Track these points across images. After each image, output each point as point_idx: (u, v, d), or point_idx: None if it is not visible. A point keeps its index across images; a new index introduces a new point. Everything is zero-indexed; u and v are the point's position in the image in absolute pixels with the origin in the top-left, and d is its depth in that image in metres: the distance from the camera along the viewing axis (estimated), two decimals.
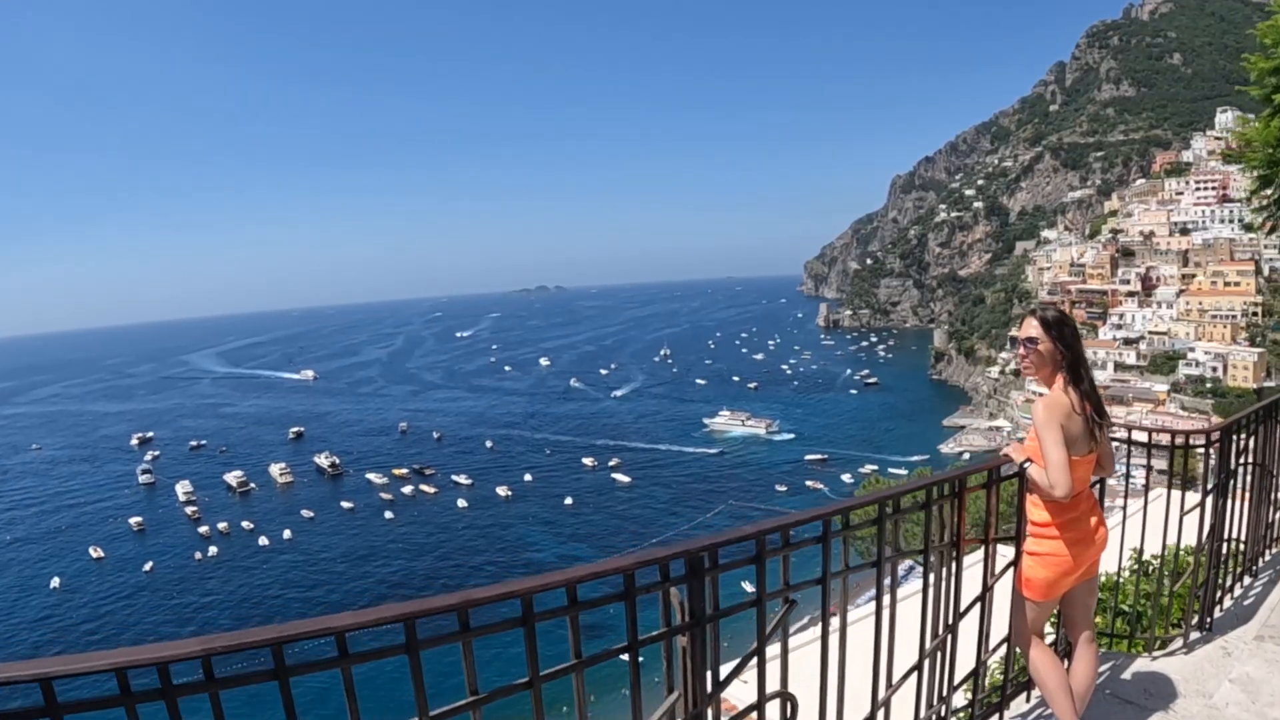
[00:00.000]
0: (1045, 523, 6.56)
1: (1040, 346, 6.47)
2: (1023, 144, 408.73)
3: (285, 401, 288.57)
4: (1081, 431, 6.35)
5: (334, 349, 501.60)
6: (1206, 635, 9.04)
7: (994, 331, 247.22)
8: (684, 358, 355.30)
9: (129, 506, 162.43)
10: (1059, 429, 6.21)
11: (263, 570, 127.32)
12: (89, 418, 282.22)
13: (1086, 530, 6.55)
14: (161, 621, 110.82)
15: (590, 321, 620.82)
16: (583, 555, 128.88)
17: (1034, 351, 6.49)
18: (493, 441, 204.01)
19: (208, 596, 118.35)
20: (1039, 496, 6.57)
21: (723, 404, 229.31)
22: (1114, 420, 6.96)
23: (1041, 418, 6.27)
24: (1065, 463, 6.11)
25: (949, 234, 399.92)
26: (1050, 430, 6.19)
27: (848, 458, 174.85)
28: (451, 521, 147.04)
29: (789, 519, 5.53)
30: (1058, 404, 6.33)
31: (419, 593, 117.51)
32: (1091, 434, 6.42)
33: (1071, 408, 6.32)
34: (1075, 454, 6.30)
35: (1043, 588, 6.65)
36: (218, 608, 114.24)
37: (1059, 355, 6.42)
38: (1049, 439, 6.18)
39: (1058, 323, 6.49)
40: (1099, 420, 6.46)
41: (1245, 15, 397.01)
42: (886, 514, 6.15)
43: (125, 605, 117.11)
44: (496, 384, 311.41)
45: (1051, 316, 6.55)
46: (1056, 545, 6.52)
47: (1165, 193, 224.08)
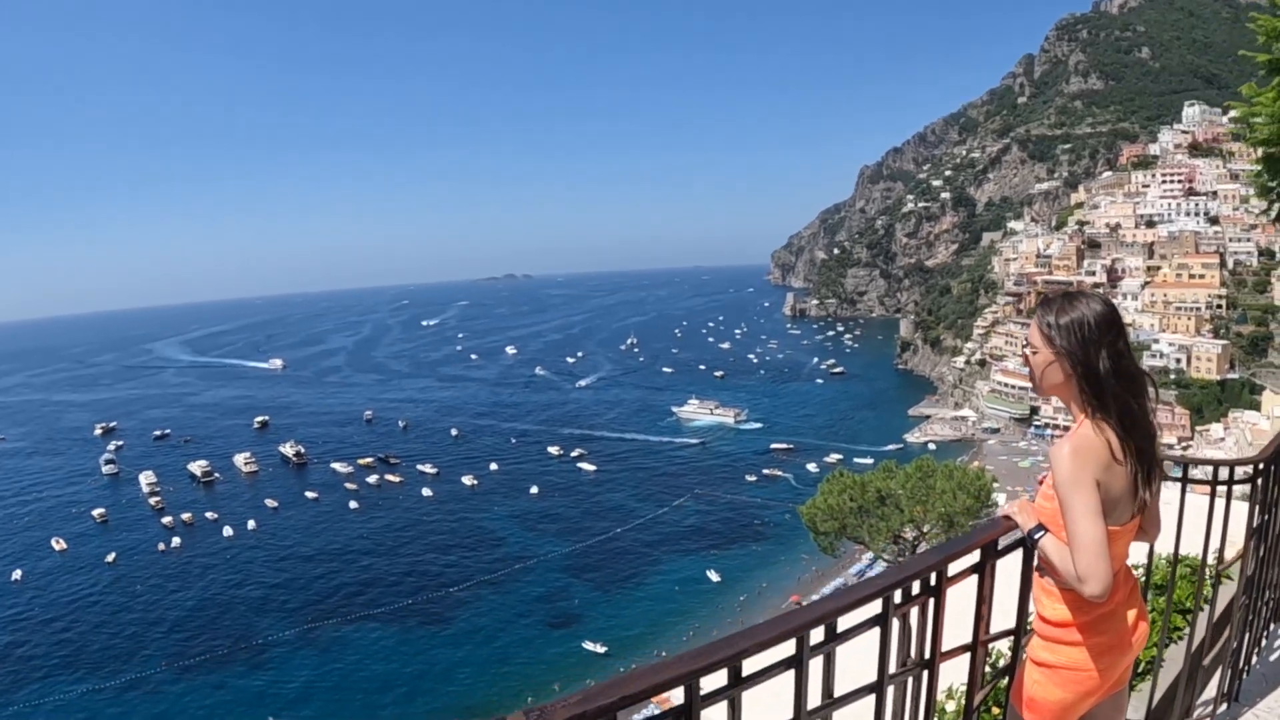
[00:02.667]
0: (1063, 621, 4.54)
1: (1036, 359, 4.62)
2: (991, 136, 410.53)
3: (250, 390, 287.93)
4: (1125, 489, 4.40)
5: (300, 337, 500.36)
6: (1234, 707, 7.35)
7: (960, 322, 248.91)
8: (650, 346, 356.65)
9: (92, 497, 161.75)
10: (1092, 488, 4.23)
11: (227, 561, 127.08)
12: (51, 408, 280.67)
13: (1121, 631, 4.60)
14: (125, 614, 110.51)
15: (557, 310, 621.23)
16: (547, 544, 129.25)
17: (1035, 363, 4.67)
18: (459, 430, 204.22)
19: (172, 588, 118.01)
20: (1055, 582, 4.53)
21: (689, 393, 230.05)
22: None
23: (1066, 471, 4.26)
24: (1102, 542, 4.16)
25: (916, 224, 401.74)
26: (1080, 492, 4.21)
27: (814, 447, 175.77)
28: (417, 511, 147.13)
29: None
30: (1089, 450, 4.30)
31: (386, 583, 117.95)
32: (1137, 490, 4.44)
33: (1111, 453, 4.31)
34: (1115, 523, 4.38)
35: (1054, 713, 4.63)
36: (182, 599, 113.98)
37: (1071, 370, 4.45)
38: (1078, 505, 4.20)
39: (1071, 326, 4.42)
40: (1149, 469, 4.47)
41: (1214, 10, 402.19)
42: (809, 651, 3.49)
43: (88, 598, 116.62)
44: (463, 373, 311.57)
45: (1060, 315, 4.50)
46: (1078, 656, 4.51)
47: (1132, 185, 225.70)
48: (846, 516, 57.58)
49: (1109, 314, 4.48)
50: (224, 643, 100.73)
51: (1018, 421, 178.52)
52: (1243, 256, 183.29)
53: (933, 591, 4.32)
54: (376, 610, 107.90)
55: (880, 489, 57.64)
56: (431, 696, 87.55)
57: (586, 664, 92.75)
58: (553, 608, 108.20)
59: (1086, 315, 4.44)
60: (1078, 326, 4.42)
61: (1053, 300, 4.63)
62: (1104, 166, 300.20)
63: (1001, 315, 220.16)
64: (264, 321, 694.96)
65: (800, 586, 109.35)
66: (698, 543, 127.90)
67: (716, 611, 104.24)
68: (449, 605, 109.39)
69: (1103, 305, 4.50)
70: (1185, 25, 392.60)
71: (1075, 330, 4.42)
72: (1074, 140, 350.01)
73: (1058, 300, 4.62)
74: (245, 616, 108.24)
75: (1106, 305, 4.51)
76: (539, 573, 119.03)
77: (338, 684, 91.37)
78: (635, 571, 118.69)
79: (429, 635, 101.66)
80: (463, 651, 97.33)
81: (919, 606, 4.33)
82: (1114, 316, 4.49)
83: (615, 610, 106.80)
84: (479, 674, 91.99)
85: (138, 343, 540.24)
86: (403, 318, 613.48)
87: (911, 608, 4.28)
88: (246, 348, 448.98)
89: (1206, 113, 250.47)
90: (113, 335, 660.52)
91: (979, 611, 4.71)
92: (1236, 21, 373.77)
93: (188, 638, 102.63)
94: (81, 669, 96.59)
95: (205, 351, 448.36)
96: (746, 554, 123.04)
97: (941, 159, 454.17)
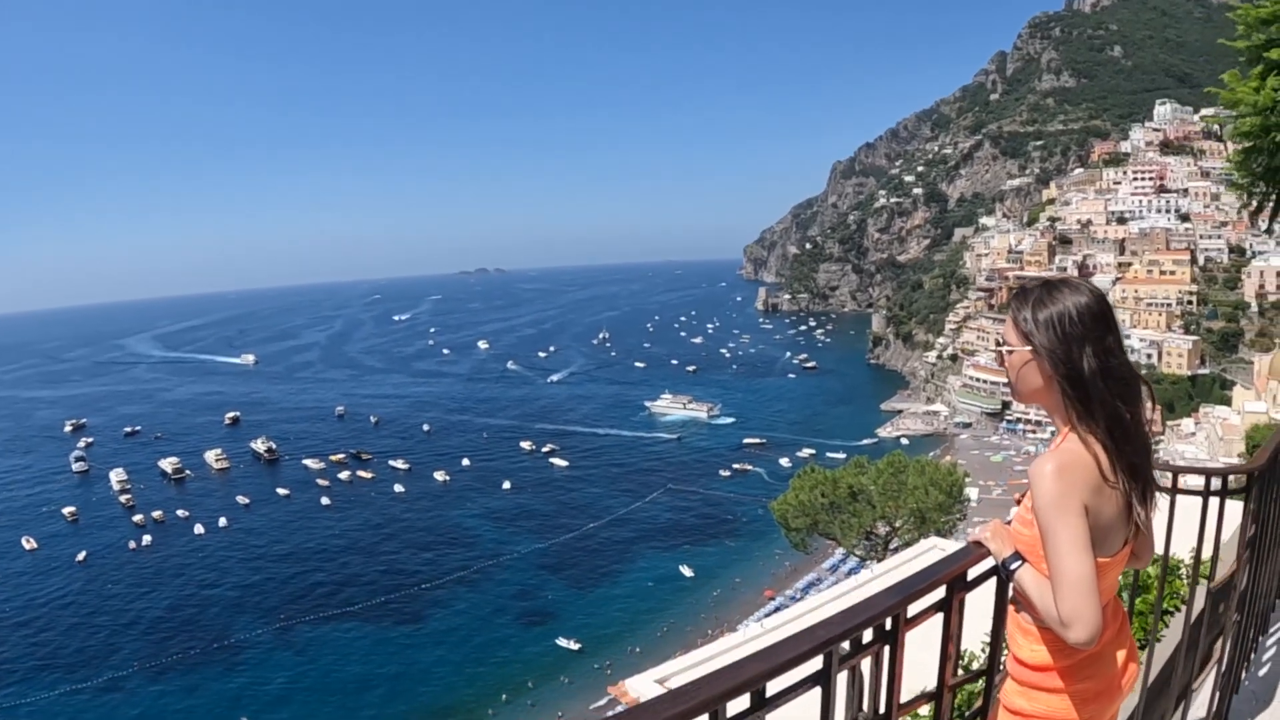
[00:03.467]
0: (1041, 665, 3.84)
1: (1012, 359, 3.90)
2: (963, 132, 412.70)
3: (222, 386, 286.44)
4: (1117, 514, 3.74)
5: (272, 332, 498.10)
6: None
7: (932, 317, 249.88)
8: (623, 341, 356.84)
9: (62, 495, 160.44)
10: (1079, 515, 3.56)
11: (199, 560, 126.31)
12: (22, 404, 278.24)
13: (1109, 675, 3.91)
14: (97, 615, 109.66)
15: (530, 304, 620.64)
16: (521, 540, 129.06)
17: (1010, 363, 3.94)
18: (430, 426, 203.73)
19: (144, 588, 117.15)
20: (1032, 619, 3.83)
21: (662, 388, 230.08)
22: None
23: (1049, 494, 3.56)
24: (1090, 579, 3.50)
25: (888, 220, 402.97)
26: (1065, 520, 3.53)
27: (786, 441, 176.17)
28: (389, 507, 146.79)
29: None
30: (1075, 469, 3.62)
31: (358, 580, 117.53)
32: (1130, 513, 3.80)
33: (1101, 472, 3.64)
34: (1105, 554, 3.72)
35: None
36: (154, 599, 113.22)
37: (1052, 371, 3.76)
38: (1062, 535, 3.52)
39: (1051, 321, 3.73)
40: (1144, 487, 3.83)
41: (1186, 10, 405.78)
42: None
43: (58, 597, 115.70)
44: (435, 368, 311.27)
45: (1039, 308, 3.79)
46: (1058, 704, 3.81)
47: (1103, 182, 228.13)
48: (818, 513, 57.70)
49: (1097, 305, 3.77)
50: (197, 643, 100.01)
51: (990, 416, 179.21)
52: (1213, 253, 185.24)
53: (889, 638, 3.49)
54: (349, 609, 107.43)
55: (852, 485, 57.74)
56: (408, 697, 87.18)
57: (561, 661, 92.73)
58: (526, 605, 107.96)
59: (1069, 307, 3.72)
60: (1059, 320, 3.71)
61: (1030, 290, 3.88)
62: (1075, 163, 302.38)
63: (973, 310, 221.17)
64: (236, 316, 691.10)
65: (774, 581, 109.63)
66: (671, 538, 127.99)
67: (691, 607, 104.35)
68: (422, 603, 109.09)
69: (1089, 295, 3.78)
70: (1158, 24, 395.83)
71: (1056, 325, 3.71)
72: (1046, 137, 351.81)
73: (1036, 290, 3.86)
74: (218, 616, 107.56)
75: (1094, 295, 3.79)
76: (512, 569, 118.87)
77: (314, 685, 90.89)
78: (609, 567, 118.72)
79: (403, 634, 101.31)
80: (437, 650, 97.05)
81: (872, 656, 3.49)
82: (1102, 308, 3.78)
83: (589, 607, 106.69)
84: (454, 673, 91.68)
85: (109, 338, 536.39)
86: (375, 312, 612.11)
87: (863, 659, 3.46)
88: (218, 343, 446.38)
89: (1178, 111, 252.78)
90: (84, 330, 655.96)
91: (945, 651, 3.89)
92: (1209, 21, 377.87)
93: (161, 639, 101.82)
94: (55, 671, 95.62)
95: (177, 347, 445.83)
96: (720, 549, 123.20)
97: (914, 155, 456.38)
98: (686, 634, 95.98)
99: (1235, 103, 15.16)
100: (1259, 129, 14.83)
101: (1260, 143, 15.16)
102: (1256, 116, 14.67)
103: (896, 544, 55.89)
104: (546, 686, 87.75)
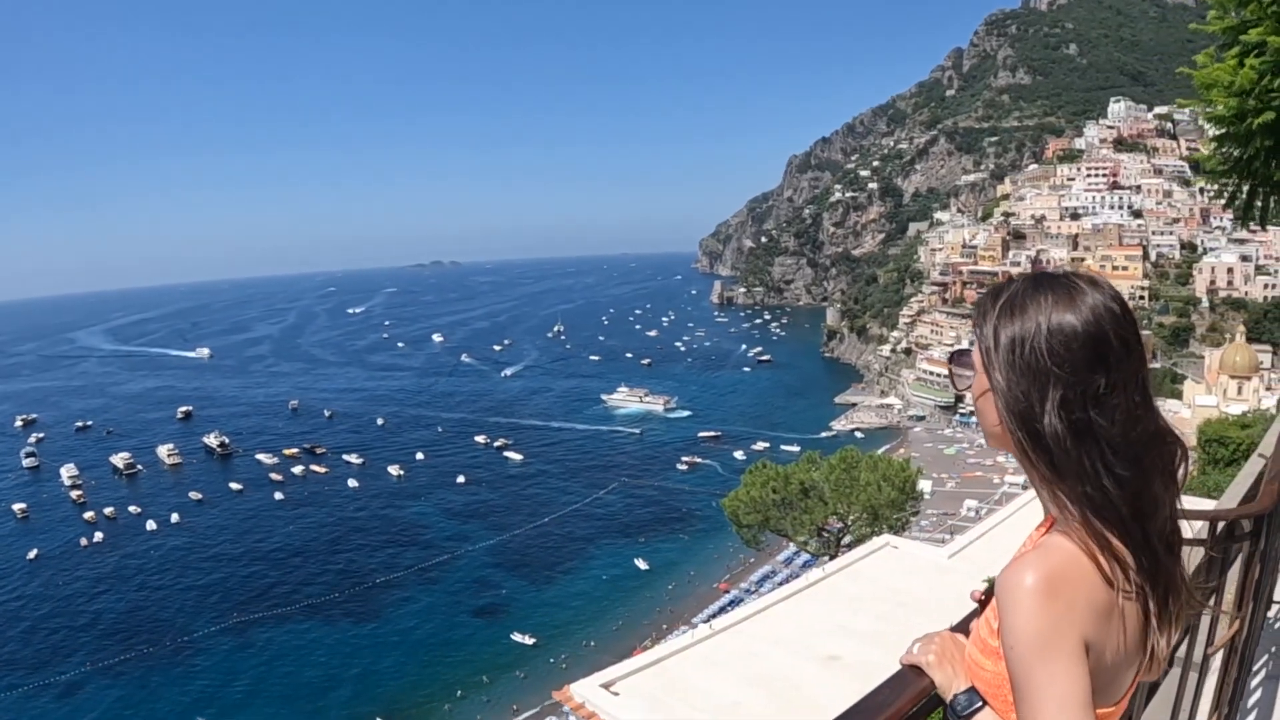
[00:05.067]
0: None
1: (969, 387, 2.70)
2: (919, 127, 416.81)
3: (174, 380, 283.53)
4: (1127, 647, 2.42)
5: (225, 325, 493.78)
6: None
7: (886, 310, 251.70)
8: (577, 334, 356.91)
9: (12, 492, 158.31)
10: (1076, 659, 2.25)
11: (151, 556, 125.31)
12: None
13: None
14: (50, 615, 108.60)
15: (485, 297, 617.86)
16: (476, 535, 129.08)
17: (969, 391, 2.72)
18: (384, 419, 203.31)
19: (95, 584, 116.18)
20: None
21: (617, 381, 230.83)
22: None
23: (1031, 627, 2.27)
24: None
25: (844, 214, 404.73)
26: (1053, 665, 2.23)
27: (741, 434, 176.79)
28: (343, 501, 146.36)
29: None
30: (1071, 584, 2.33)
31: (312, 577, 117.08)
32: (1146, 637, 2.46)
33: (1108, 594, 2.36)
34: (1106, 703, 2.47)
35: None
36: (107, 599, 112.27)
37: (1005, 419, 2.51)
38: (1048, 689, 2.21)
39: (1013, 345, 2.47)
40: (1165, 595, 2.47)
41: (1141, 10, 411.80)
42: None
43: (9, 596, 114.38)
44: (389, 361, 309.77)
45: (1004, 322, 2.52)
46: None
47: (1057, 178, 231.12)
48: (769, 509, 57.86)
49: (1093, 326, 2.38)
50: (152, 644, 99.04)
51: (943, 409, 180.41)
52: (1165, 249, 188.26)
53: None
54: (303, 606, 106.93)
55: (803, 481, 57.92)
56: (364, 696, 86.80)
57: (516, 657, 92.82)
58: (482, 600, 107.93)
59: (1040, 326, 2.40)
60: (1018, 344, 2.43)
61: (1004, 290, 2.58)
62: (1030, 159, 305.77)
63: (927, 304, 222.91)
64: (188, 309, 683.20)
65: (728, 574, 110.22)
66: (626, 532, 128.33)
67: (646, 601, 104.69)
68: (377, 599, 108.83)
69: (1086, 311, 2.40)
70: (1113, 23, 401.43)
71: (1015, 350, 2.43)
72: (1001, 133, 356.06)
73: (1012, 289, 2.56)
74: (173, 616, 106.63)
75: (1092, 311, 2.40)
76: (467, 564, 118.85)
77: (270, 682, 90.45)
78: (564, 562, 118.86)
79: (357, 631, 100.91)
80: (392, 646, 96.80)
81: None
82: (1099, 330, 2.37)
83: (544, 602, 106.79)
84: (409, 669, 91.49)
85: (59, 331, 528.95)
86: (329, 305, 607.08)
87: None
88: (171, 336, 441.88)
89: (1132, 109, 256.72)
90: (33, 323, 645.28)
91: None
92: (1164, 21, 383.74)
93: (116, 639, 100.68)
94: (6, 674, 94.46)
95: (128, 340, 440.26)
96: (675, 542, 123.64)
97: (870, 149, 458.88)
98: (642, 628, 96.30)
99: (1209, 85, 14.11)
100: (1235, 113, 13.82)
101: (1236, 128, 14.13)
102: (1234, 99, 13.70)
103: (849, 540, 56.19)
104: (502, 681, 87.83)
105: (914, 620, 14.84)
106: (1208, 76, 14.03)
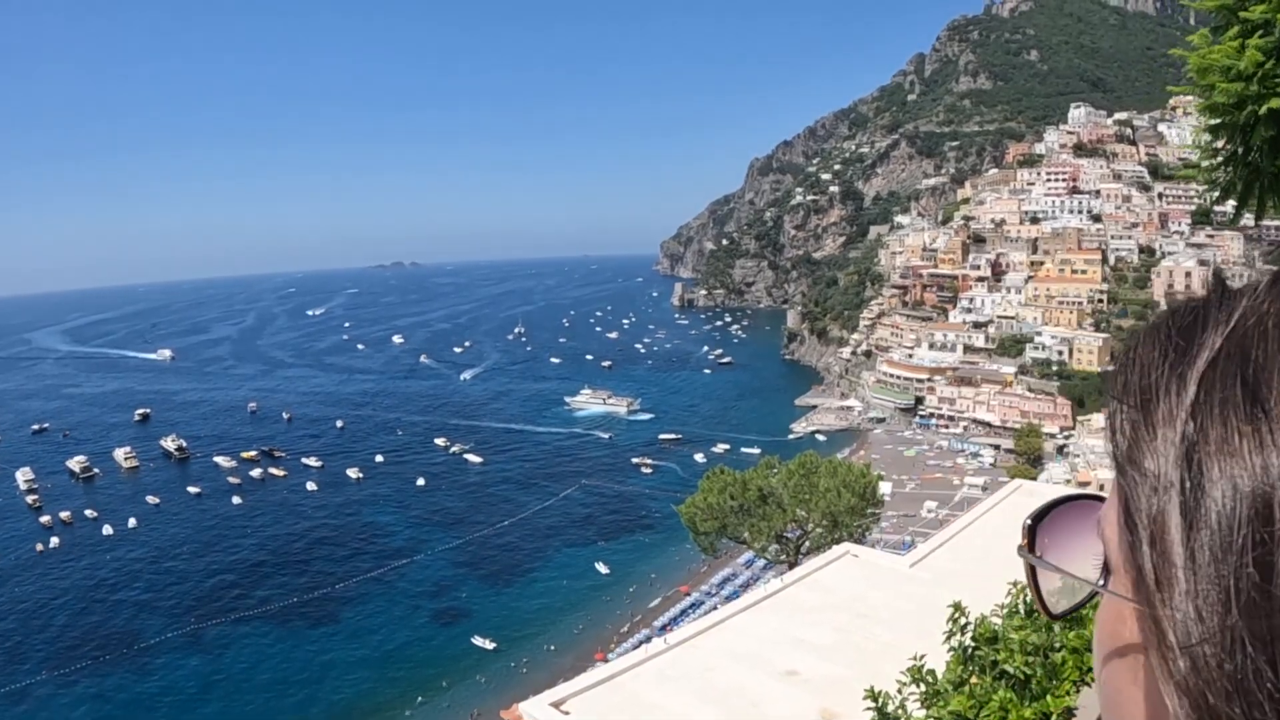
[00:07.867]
0: None
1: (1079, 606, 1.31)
2: (880, 131, 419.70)
3: (132, 382, 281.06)
4: None
5: (184, 326, 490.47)
6: None
7: (846, 313, 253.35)
8: (538, 336, 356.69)
9: None
10: None
11: (108, 561, 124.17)
12: None
13: None
14: (3, 618, 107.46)
15: (445, 299, 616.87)
16: (435, 538, 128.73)
17: None
18: (343, 421, 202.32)
19: (51, 590, 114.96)
20: None
21: (578, 382, 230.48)
22: None
23: None
24: None
25: (805, 217, 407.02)
26: None
27: (701, 436, 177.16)
28: (301, 505, 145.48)
29: None
30: None
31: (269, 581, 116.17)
32: None
33: None
34: None
35: None
36: (62, 602, 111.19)
37: None
38: None
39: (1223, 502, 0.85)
40: None
41: (1102, 17, 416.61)
42: None
43: None
44: (348, 362, 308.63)
45: (1221, 455, 0.86)
46: None
47: (1017, 182, 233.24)
48: (727, 516, 57.65)
49: None
50: (109, 649, 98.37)
51: (903, 411, 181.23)
52: (1124, 253, 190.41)
53: None
54: (263, 610, 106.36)
55: (761, 487, 57.76)
56: (323, 701, 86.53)
57: (477, 661, 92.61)
58: (442, 604, 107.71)
59: None
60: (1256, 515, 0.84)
61: (1206, 334, 0.99)
62: (990, 164, 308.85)
63: (887, 307, 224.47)
64: (147, 309, 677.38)
65: (689, 577, 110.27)
66: (586, 535, 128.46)
67: (606, 604, 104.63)
68: (337, 603, 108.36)
69: None
70: (1074, 30, 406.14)
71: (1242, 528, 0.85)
72: (962, 138, 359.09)
73: (1214, 362, 0.96)
74: (130, 620, 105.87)
75: None
76: (427, 568, 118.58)
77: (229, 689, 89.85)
78: (524, 565, 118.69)
79: (318, 636, 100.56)
80: (353, 651, 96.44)
81: None
82: None
83: (504, 605, 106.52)
84: (370, 674, 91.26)
85: (14, 332, 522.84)
86: (288, 306, 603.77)
87: None
88: (129, 336, 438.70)
89: (1092, 114, 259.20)
90: None
91: None
92: (1124, 28, 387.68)
93: (72, 644, 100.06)
94: None
95: (86, 341, 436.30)
96: (635, 545, 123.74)
97: (831, 153, 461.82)
98: (603, 631, 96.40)
99: (1205, 69, 12.60)
100: (1235, 99, 12.37)
101: (1234, 117, 12.67)
102: (1234, 84, 12.25)
103: (808, 547, 56.10)
104: (462, 686, 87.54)
105: (874, 631, 14.62)
106: (1205, 60, 12.49)
